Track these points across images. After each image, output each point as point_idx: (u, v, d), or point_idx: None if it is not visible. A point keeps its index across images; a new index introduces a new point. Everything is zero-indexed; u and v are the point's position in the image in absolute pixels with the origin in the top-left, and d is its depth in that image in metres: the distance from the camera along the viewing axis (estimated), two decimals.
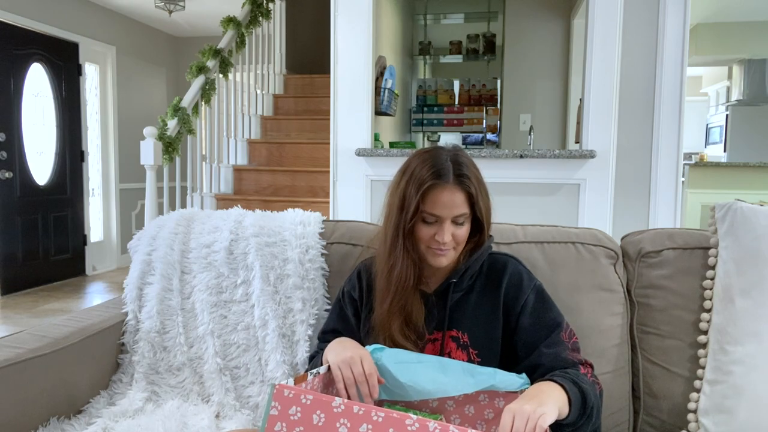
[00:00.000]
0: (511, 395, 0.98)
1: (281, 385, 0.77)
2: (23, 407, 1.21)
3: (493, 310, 1.09)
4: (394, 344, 1.08)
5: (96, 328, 1.42)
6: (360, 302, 1.19)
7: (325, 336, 1.22)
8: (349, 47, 2.73)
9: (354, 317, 1.20)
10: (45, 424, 1.25)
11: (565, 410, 0.91)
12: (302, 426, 0.75)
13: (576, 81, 4.05)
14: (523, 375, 1.00)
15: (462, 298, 1.11)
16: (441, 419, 1.01)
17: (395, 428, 0.72)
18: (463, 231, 1.08)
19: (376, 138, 3.02)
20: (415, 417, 0.72)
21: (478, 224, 1.11)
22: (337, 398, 0.75)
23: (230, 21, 4.06)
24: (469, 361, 1.07)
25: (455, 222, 1.06)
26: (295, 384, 0.89)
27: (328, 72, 2.78)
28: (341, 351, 1.00)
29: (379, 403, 1.03)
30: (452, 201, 1.04)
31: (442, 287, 1.12)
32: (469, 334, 1.08)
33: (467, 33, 5.04)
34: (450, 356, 1.08)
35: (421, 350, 1.09)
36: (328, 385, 1.00)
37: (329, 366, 1.00)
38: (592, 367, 1.08)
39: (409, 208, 1.05)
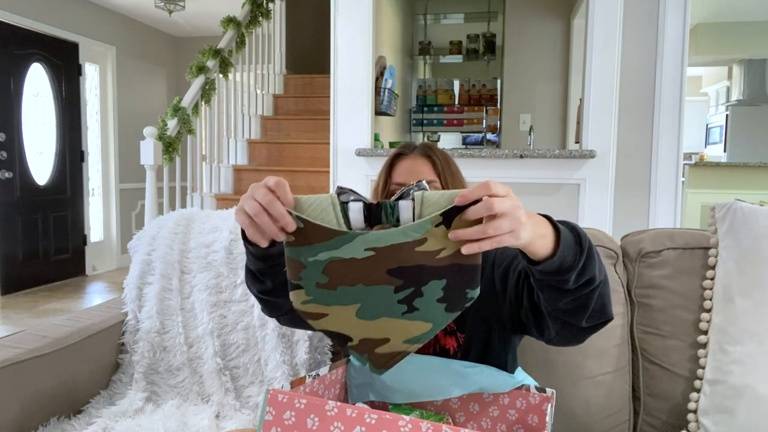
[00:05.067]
0: (516, 392, 0.98)
1: (275, 390, 0.78)
2: (23, 407, 1.21)
3: None
4: None
5: (96, 328, 1.42)
6: None
7: None
8: (349, 47, 2.73)
9: None
10: (45, 424, 1.25)
11: (548, 238, 0.77)
12: (297, 430, 0.75)
13: (576, 81, 4.05)
14: (516, 375, 0.99)
15: None
16: (447, 418, 1.01)
17: (388, 429, 0.72)
18: None
19: (376, 138, 3.02)
20: (408, 418, 0.72)
21: None
22: (330, 402, 0.75)
23: (230, 21, 4.06)
24: (458, 344, 1.04)
25: None
26: (292, 387, 0.90)
27: (328, 72, 2.78)
28: None
29: (384, 405, 1.03)
30: (415, 167, 1.07)
31: None
32: (454, 320, 1.06)
33: (467, 33, 5.04)
34: (440, 344, 1.05)
35: None
36: (329, 386, 1.00)
37: (329, 367, 0.99)
38: None
39: (380, 183, 1.10)
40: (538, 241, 0.74)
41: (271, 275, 0.91)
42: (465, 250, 0.68)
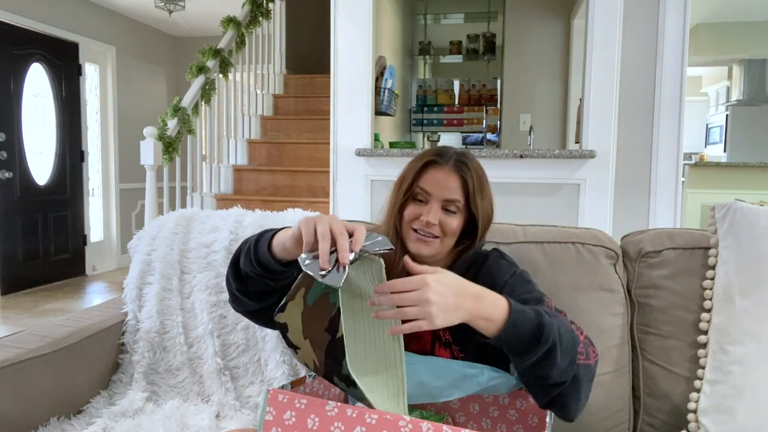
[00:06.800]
0: (516, 392, 0.98)
1: (275, 391, 0.78)
2: (23, 407, 1.21)
3: None
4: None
5: (96, 328, 1.42)
6: None
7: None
8: (349, 47, 2.72)
9: None
10: (45, 424, 1.25)
11: (495, 323, 0.79)
12: (297, 430, 0.75)
13: (576, 81, 4.05)
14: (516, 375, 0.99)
15: None
16: (447, 418, 1.01)
17: (389, 429, 0.72)
18: (453, 223, 1.03)
19: (376, 138, 3.02)
20: (408, 418, 0.72)
21: (473, 227, 1.06)
22: (330, 402, 0.75)
23: (230, 21, 4.06)
24: (453, 356, 1.03)
25: (446, 209, 1.03)
26: (292, 387, 0.90)
27: (328, 72, 2.78)
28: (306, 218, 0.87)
29: None
30: (446, 182, 1.03)
31: None
32: (450, 331, 1.05)
33: (467, 33, 5.04)
34: (434, 355, 1.04)
35: (407, 343, 1.06)
36: (329, 386, 1.00)
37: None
38: (581, 331, 0.94)
39: (404, 182, 1.06)
40: (479, 322, 0.79)
41: (263, 284, 0.98)
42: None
